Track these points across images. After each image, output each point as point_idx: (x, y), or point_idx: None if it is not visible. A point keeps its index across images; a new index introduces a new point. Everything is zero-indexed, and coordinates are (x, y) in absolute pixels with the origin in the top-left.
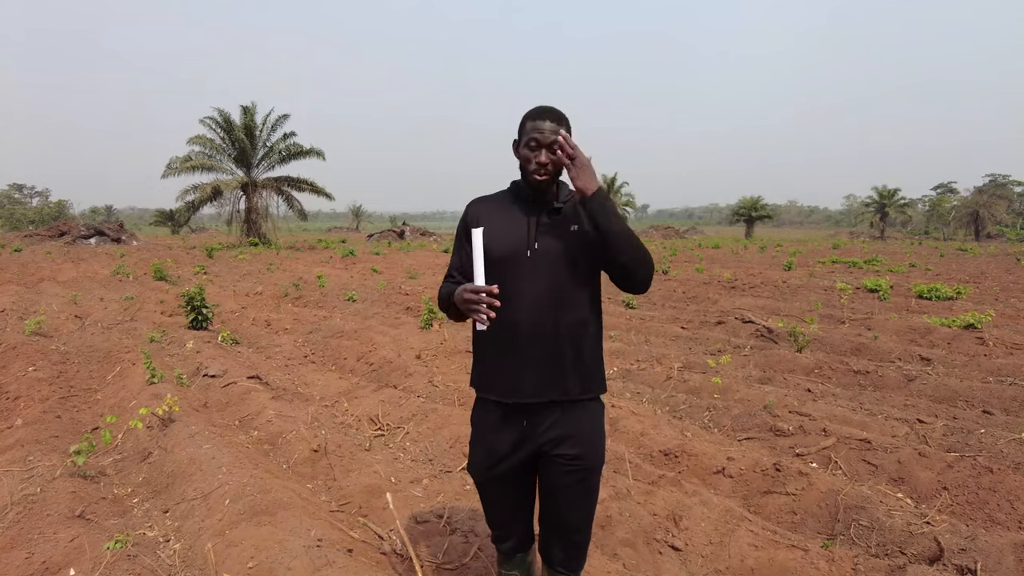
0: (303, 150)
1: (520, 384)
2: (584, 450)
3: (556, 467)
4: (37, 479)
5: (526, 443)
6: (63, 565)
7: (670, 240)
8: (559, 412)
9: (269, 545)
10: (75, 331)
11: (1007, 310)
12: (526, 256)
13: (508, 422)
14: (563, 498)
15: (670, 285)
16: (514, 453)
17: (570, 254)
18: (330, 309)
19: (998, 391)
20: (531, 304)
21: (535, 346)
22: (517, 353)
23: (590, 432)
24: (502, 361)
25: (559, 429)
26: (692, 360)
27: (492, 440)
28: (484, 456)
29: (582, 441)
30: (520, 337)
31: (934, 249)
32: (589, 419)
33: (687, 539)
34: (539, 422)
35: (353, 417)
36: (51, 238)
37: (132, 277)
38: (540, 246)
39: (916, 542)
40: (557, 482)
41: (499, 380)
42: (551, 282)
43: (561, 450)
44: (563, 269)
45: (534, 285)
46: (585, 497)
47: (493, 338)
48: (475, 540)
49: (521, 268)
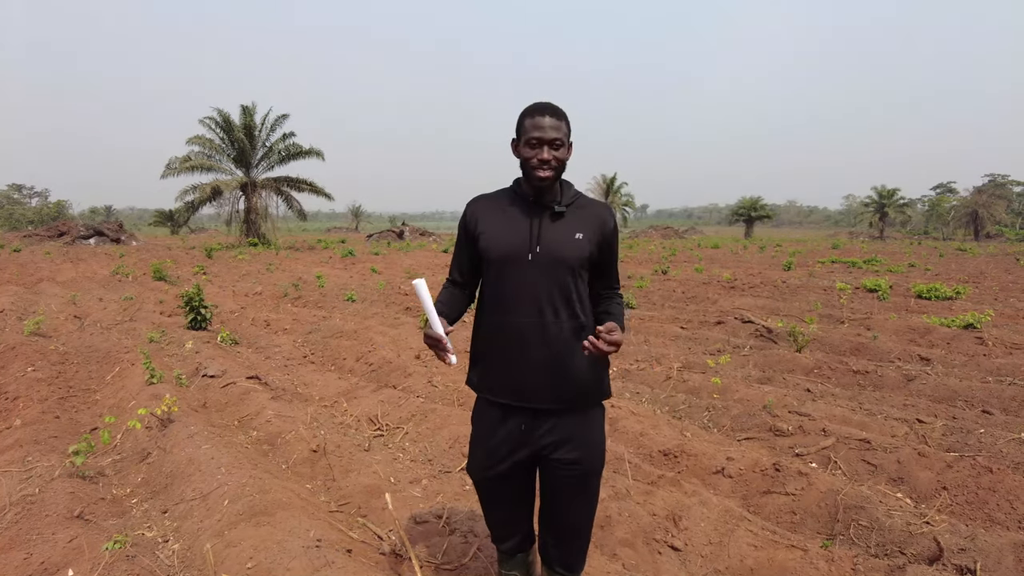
0: (302, 150)
1: (519, 386)
2: (583, 454)
3: (555, 470)
4: (36, 479)
5: (525, 445)
6: (62, 566)
7: (669, 240)
8: (557, 416)
9: (268, 545)
10: (74, 331)
11: (1006, 310)
12: (527, 259)
13: (506, 423)
14: (562, 501)
15: (669, 285)
16: (512, 454)
17: (572, 259)
18: (329, 309)
19: (997, 391)
20: (532, 307)
21: (535, 349)
22: (517, 355)
23: (589, 436)
24: (502, 362)
25: (558, 433)
26: (691, 360)
27: (491, 441)
28: (483, 456)
29: (581, 445)
30: (520, 340)
31: (933, 249)
32: (588, 423)
33: (686, 539)
34: (537, 425)
35: (352, 417)
36: (50, 238)
37: (131, 277)
38: (542, 249)
39: (916, 542)
40: (556, 485)
41: (498, 381)
42: (552, 285)
43: (560, 454)
44: (565, 273)
45: (535, 288)
46: (584, 501)
47: (493, 339)
48: (474, 540)
49: (522, 270)
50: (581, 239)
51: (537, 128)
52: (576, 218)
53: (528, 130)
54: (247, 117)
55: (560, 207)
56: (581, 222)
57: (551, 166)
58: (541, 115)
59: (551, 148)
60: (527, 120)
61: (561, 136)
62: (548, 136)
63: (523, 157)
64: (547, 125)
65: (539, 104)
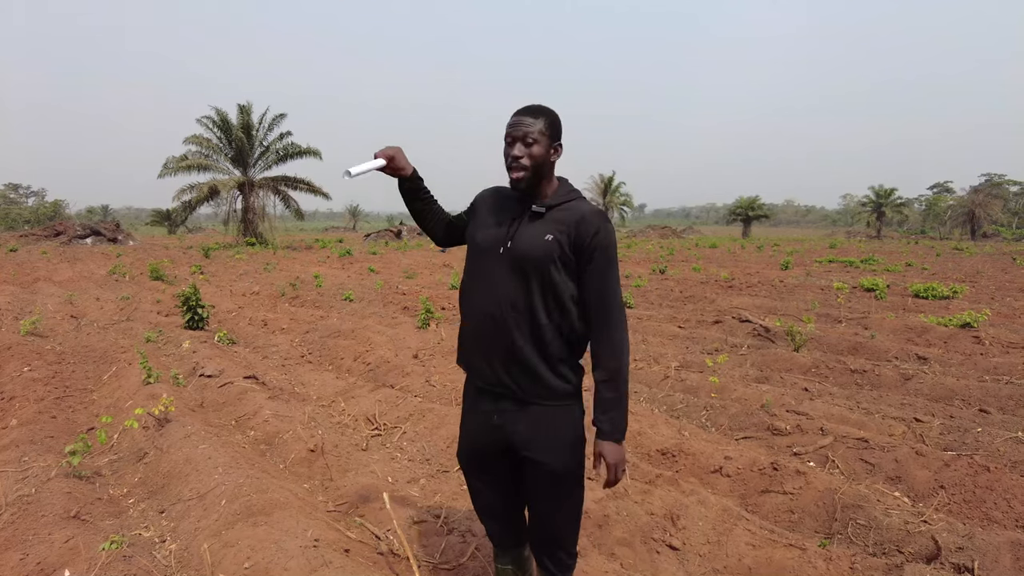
0: (300, 149)
1: (482, 368)
2: (549, 456)
3: (529, 469)
4: (32, 480)
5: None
6: (58, 566)
7: (667, 239)
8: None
9: (265, 545)
10: (71, 331)
11: (1003, 309)
12: (499, 252)
13: (481, 405)
14: (538, 506)
15: (667, 284)
16: (487, 439)
17: (539, 260)
18: (327, 309)
19: (994, 390)
20: (499, 298)
21: (492, 339)
22: (481, 341)
23: (556, 436)
24: (470, 343)
25: (525, 428)
26: (689, 359)
27: (470, 423)
28: (464, 439)
29: (547, 445)
30: (481, 327)
31: (930, 248)
32: (556, 423)
33: (685, 538)
34: (506, 414)
35: (350, 417)
36: (47, 238)
37: (128, 277)
38: (512, 244)
39: (913, 541)
40: (530, 487)
41: (468, 359)
42: (518, 282)
43: (528, 452)
44: (531, 272)
45: (504, 281)
46: (555, 506)
47: (464, 320)
48: (472, 540)
49: (495, 263)
50: (551, 240)
51: (512, 125)
52: (555, 219)
53: (506, 129)
54: (244, 116)
55: (539, 207)
56: (558, 224)
57: (522, 165)
58: (520, 115)
59: (523, 144)
60: (510, 120)
61: (533, 132)
62: (519, 132)
63: (504, 154)
64: (521, 122)
65: (524, 106)
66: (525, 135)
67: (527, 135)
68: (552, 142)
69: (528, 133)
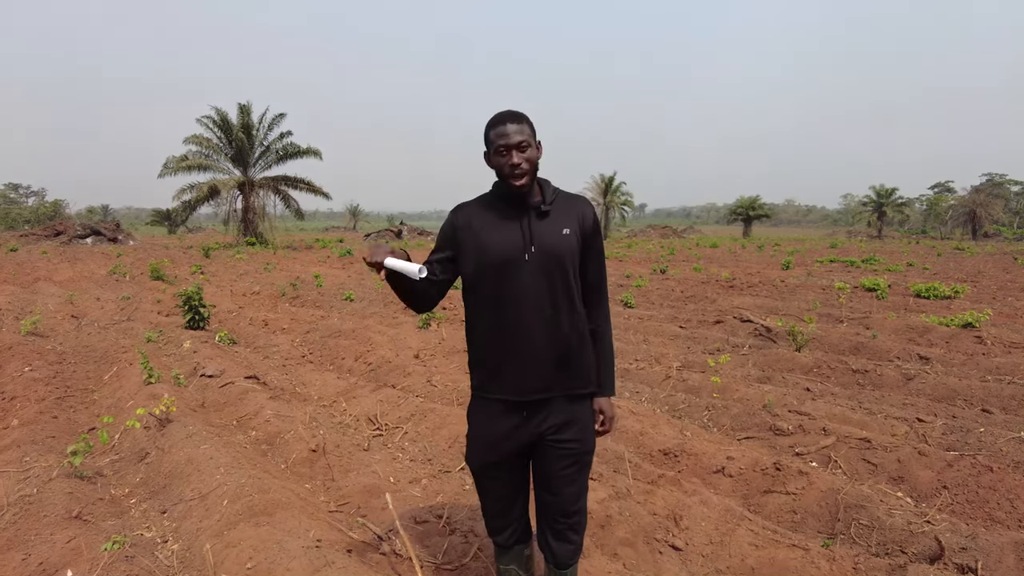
0: (300, 149)
1: (527, 383)
2: (584, 435)
3: (554, 452)
4: (34, 480)
5: (524, 431)
6: (60, 566)
7: (668, 239)
8: (561, 404)
9: (268, 546)
10: (71, 331)
11: (1005, 309)
12: (524, 259)
13: (508, 415)
14: (559, 481)
15: (668, 284)
16: (510, 440)
17: (565, 255)
18: (328, 309)
19: (997, 390)
20: (534, 305)
21: (541, 345)
22: (523, 353)
23: (585, 418)
24: (508, 361)
25: (561, 416)
26: (691, 359)
27: (490, 429)
28: (481, 444)
29: (579, 427)
30: (525, 337)
31: (931, 248)
32: (584, 406)
33: (687, 539)
34: (537, 412)
35: (351, 417)
36: (47, 238)
37: (129, 277)
38: (537, 248)
39: (916, 541)
40: (553, 466)
41: (505, 380)
42: (551, 282)
43: (562, 435)
44: (560, 269)
45: (535, 286)
46: (578, 484)
47: (497, 340)
48: (475, 540)
49: (520, 270)
50: (568, 234)
51: (501, 136)
52: (561, 214)
53: (494, 140)
54: (244, 116)
55: (547, 206)
56: (566, 217)
57: (523, 170)
58: (503, 124)
59: (519, 152)
60: (491, 132)
61: (526, 138)
62: (513, 141)
63: (496, 166)
64: (510, 131)
65: (499, 114)
66: (519, 143)
67: (520, 142)
68: (536, 142)
69: (521, 140)
